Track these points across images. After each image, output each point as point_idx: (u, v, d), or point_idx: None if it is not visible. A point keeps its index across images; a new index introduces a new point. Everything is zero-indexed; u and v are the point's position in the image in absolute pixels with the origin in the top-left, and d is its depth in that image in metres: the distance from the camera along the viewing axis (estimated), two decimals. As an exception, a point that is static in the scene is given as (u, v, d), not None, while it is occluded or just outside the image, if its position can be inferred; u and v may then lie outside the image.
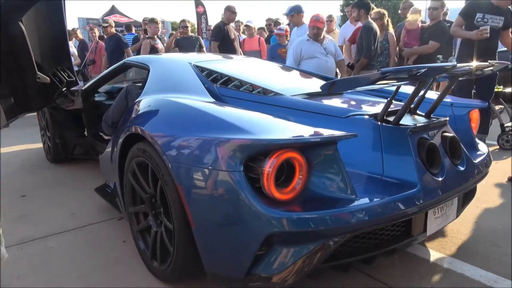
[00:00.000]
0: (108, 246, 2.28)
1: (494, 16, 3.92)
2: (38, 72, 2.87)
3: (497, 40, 4.07)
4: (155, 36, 6.15)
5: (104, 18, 7.34)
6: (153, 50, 5.90)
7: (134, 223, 2.11)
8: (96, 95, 3.70)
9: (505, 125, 4.37)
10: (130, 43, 7.23)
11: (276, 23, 7.39)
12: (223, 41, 5.59)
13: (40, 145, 4.51)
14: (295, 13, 5.10)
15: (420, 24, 5.00)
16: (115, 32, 6.81)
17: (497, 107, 4.45)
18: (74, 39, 8.33)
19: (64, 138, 3.81)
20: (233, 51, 5.63)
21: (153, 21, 6.20)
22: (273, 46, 5.70)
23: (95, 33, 7.37)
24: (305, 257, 1.41)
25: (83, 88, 3.48)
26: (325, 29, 4.56)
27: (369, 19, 4.63)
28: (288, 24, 6.97)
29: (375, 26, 4.61)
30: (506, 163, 3.83)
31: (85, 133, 3.66)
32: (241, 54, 6.10)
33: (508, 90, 4.54)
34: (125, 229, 2.42)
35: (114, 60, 6.54)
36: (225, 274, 1.57)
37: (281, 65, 3.49)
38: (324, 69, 4.22)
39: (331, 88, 1.60)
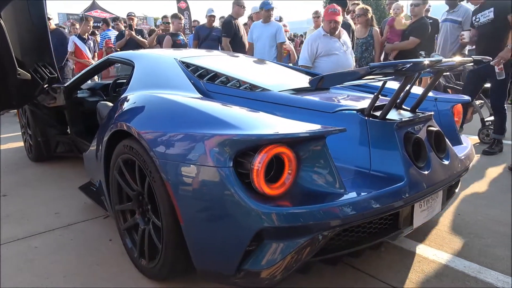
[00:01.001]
0: (94, 245, 2.25)
1: (483, 12, 3.99)
2: (18, 69, 2.80)
3: (497, 32, 3.86)
4: (178, 32, 5.92)
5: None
6: (175, 46, 5.66)
7: (120, 221, 2.08)
8: (78, 91, 3.63)
9: (485, 119, 4.47)
10: (113, 39, 7.07)
11: None
12: (234, 37, 5.35)
13: (21, 143, 4.41)
14: (264, 9, 5.05)
15: (403, 21, 5.07)
16: (55, 27, 6.58)
17: (477, 102, 4.55)
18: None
19: (46, 136, 3.73)
20: (242, 47, 5.42)
21: (176, 16, 5.94)
22: None
23: (76, 29, 7.21)
24: (295, 252, 1.42)
25: (65, 85, 3.41)
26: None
27: (346, 16, 4.64)
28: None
29: (352, 23, 4.62)
30: (486, 157, 3.92)
31: (68, 130, 3.58)
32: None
33: (488, 85, 4.65)
34: (111, 227, 2.38)
35: (56, 57, 6.35)
36: (215, 270, 1.57)
37: (266, 61, 3.48)
38: (345, 67, 3.81)
39: (320, 83, 1.60)
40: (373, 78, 1.73)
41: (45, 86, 3.28)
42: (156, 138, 1.67)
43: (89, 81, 3.88)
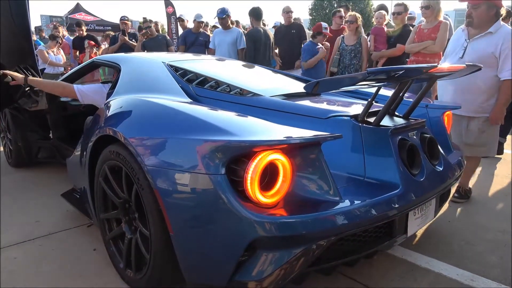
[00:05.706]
0: (77, 255, 2.16)
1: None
2: (-2, 70, 2.70)
3: None
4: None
5: None
6: None
7: (105, 230, 2.00)
8: (62, 95, 3.52)
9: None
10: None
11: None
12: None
13: (0, 148, 4.26)
14: (226, 16, 5.20)
15: (386, 29, 5.11)
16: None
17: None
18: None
19: (27, 140, 3.60)
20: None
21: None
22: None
23: (59, 32, 7.06)
24: (289, 262, 1.37)
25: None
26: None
27: (259, 27, 4.79)
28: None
29: (259, 34, 4.77)
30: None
31: (50, 135, 3.47)
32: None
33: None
34: (95, 236, 2.29)
35: None
36: (206, 281, 1.51)
37: (257, 66, 3.44)
38: (464, 83, 2.41)
39: (315, 88, 1.57)
40: (367, 84, 1.71)
41: (27, 89, 3.17)
42: (144, 144, 1.60)
43: None
